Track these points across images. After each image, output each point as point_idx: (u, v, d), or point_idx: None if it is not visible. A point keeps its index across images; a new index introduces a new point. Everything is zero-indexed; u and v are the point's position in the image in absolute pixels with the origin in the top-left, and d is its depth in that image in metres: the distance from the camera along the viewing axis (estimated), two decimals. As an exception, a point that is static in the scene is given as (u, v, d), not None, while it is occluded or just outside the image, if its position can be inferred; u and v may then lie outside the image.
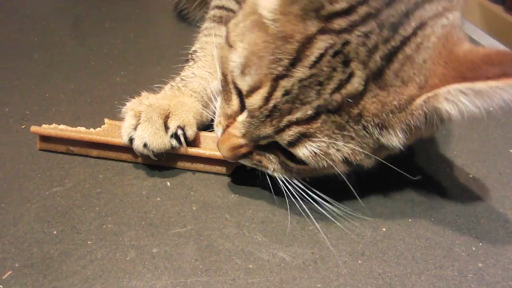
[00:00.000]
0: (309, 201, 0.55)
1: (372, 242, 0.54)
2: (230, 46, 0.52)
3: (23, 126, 0.69)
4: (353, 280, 0.50)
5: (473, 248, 0.54)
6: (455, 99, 0.44)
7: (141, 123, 0.59)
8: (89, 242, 0.52)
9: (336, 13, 0.46)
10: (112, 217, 0.56)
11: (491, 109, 0.79)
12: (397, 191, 0.62)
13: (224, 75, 0.54)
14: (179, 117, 0.61)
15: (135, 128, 0.59)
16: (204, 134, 0.65)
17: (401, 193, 0.61)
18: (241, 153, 0.54)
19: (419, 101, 0.46)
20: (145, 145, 0.59)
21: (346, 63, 0.46)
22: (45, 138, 0.64)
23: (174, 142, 0.60)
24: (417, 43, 0.46)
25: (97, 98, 0.77)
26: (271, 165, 0.55)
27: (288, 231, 0.55)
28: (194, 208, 0.58)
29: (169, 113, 0.61)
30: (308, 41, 0.46)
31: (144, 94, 0.65)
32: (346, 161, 0.50)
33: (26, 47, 0.94)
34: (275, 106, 0.48)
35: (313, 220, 0.56)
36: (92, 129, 0.63)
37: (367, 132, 0.48)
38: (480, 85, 0.42)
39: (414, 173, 0.63)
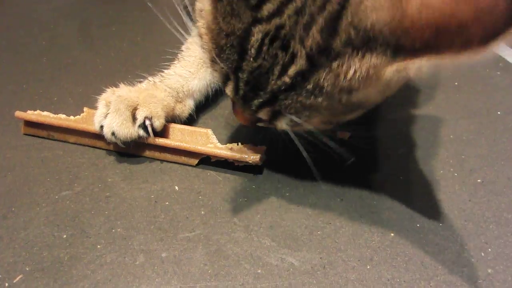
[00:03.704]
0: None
1: (380, 248, 0.54)
2: (200, 36, 0.52)
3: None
4: (362, 285, 0.50)
5: (482, 254, 0.54)
6: (427, 68, 0.42)
7: (110, 113, 0.63)
8: (98, 246, 0.53)
9: None
10: (121, 221, 0.56)
11: (499, 112, 0.80)
12: (405, 196, 0.61)
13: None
14: (147, 109, 0.65)
15: (105, 117, 0.63)
16: (173, 126, 0.68)
17: (409, 198, 0.61)
18: (252, 121, 0.57)
19: (389, 70, 0.43)
20: (113, 134, 0.62)
21: (285, 46, 0.45)
22: (28, 123, 0.68)
23: (141, 132, 0.63)
24: (358, 1, 0.41)
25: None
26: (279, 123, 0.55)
27: (296, 236, 0.55)
28: (203, 212, 0.58)
29: (137, 104, 0.65)
30: (246, 35, 0.45)
31: (121, 85, 0.69)
32: (325, 123, 0.51)
33: (34, 51, 0.95)
34: (244, 95, 0.49)
35: (321, 225, 0.57)
36: (72, 117, 0.67)
37: (333, 100, 0.47)
38: (450, 56, 0.39)
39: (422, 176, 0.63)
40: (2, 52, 0.93)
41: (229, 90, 0.51)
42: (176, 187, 0.61)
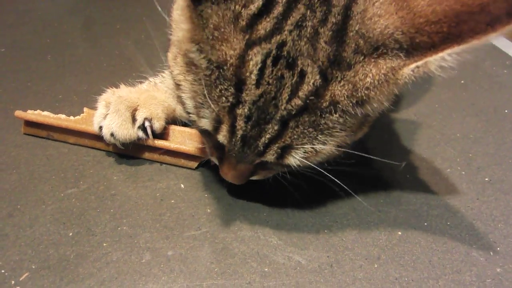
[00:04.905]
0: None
1: (388, 246, 0.54)
2: (178, 85, 0.48)
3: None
4: (369, 284, 0.49)
5: (491, 253, 0.53)
6: (447, 63, 0.39)
7: (109, 113, 0.62)
8: (104, 244, 0.52)
9: (256, 16, 0.41)
10: (127, 219, 0.56)
11: (506, 110, 0.79)
12: (412, 195, 0.61)
13: (188, 114, 0.50)
14: (147, 110, 0.63)
15: (105, 118, 0.62)
16: (173, 128, 0.67)
17: (416, 197, 0.61)
18: (246, 176, 0.52)
19: (406, 70, 0.41)
20: (112, 134, 0.61)
21: (291, 65, 0.41)
22: (28, 123, 0.68)
23: (140, 133, 0.62)
24: (361, 10, 0.41)
25: (109, 99, 0.77)
26: (278, 169, 0.54)
27: (303, 234, 0.55)
28: (209, 210, 0.58)
29: (138, 106, 0.63)
30: (242, 61, 0.41)
31: (121, 86, 0.68)
32: (339, 147, 0.47)
33: (38, 49, 0.94)
34: (243, 135, 0.45)
35: (328, 223, 0.56)
36: (72, 117, 0.67)
37: (348, 115, 0.44)
38: (475, 42, 0.37)
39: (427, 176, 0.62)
40: (6, 50, 0.93)
41: (222, 135, 0.46)
42: (182, 185, 0.61)
